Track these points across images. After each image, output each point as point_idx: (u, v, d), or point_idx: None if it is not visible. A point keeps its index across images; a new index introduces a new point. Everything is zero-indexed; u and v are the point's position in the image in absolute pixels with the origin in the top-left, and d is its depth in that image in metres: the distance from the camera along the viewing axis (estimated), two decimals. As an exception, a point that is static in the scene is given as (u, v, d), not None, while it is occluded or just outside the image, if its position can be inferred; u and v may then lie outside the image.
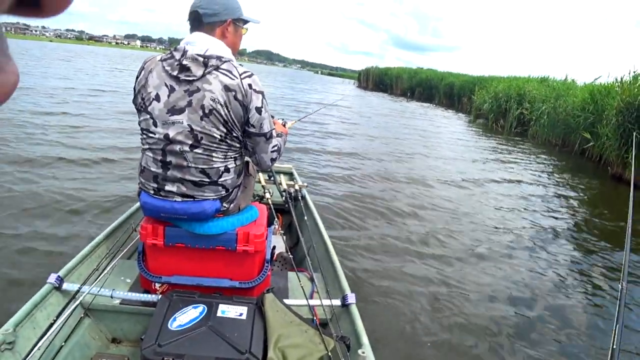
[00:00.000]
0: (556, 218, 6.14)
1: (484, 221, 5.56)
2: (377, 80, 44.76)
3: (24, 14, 0.27)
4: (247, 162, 1.97)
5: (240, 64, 1.69)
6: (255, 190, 2.83)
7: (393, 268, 3.81)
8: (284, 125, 2.47)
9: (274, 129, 1.79)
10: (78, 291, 1.76)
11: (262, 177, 3.30)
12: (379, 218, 5.09)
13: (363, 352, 1.60)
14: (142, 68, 1.68)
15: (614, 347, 1.35)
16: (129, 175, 5.43)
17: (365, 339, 1.67)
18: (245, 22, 1.82)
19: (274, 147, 1.80)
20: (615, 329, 1.42)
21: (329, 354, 1.57)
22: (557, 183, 8.89)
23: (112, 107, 11.10)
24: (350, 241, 4.26)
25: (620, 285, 1.66)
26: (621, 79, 12.06)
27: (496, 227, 5.36)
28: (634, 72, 11.08)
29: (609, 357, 1.32)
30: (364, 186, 6.41)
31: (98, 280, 1.85)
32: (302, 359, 1.51)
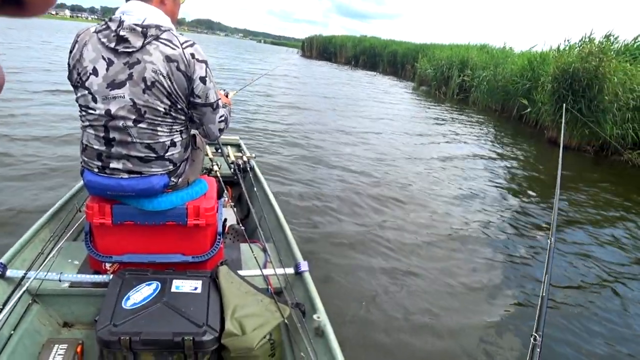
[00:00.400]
0: (496, 179, 6.54)
1: (429, 181, 5.89)
2: (321, 49, 44.60)
3: (8, 12, 0.28)
4: (194, 136, 1.95)
5: (180, 34, 1.65)
6: (203, 164, 2.80)
7: (344, 235, 3.94)
8: (227, 96, 2.45)
9: (220, 99, 1.77)
10: (24, 277, 1.70)
11: (209, 149, 3.25)
12: (329, 186, 5.20)
13: (318, 317, 1.66)
14: (76, 41, 1.60)
15: (543, 294, 1.51)
16: (67, 154, 5.20)
17: (319, 304, 1.74)
18: None
19: (221, 117, 1.79)
20: (544, 279, 1.57)
21: (285, 321, 1.63)
22: (497, 147, 9.37)
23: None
24: (301, 210, 4.36)
25: (549, 240, 1.84)
26: (558, 47, 12.72)
27: (439, 187, 5.71)
28: (568, 40, 11.76)
29: (539, 303, 1.47)
30: (313, 156, 6.48)
31: (44, 264, 1.80)
32: (259, 328, 1.55)
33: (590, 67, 9.28)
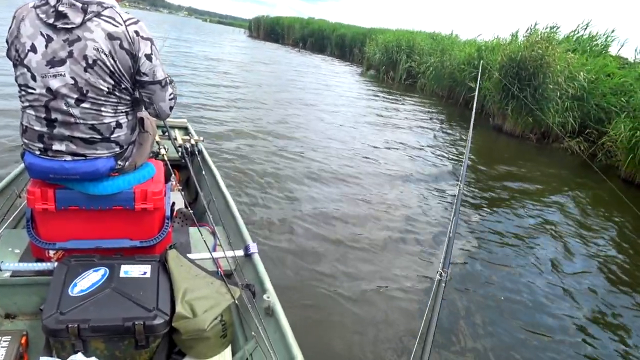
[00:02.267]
0: (438, 163, 6.92)
1: (371, 162, 6.30)
2: (268, 30, 44.19)
3: None
4: (142, 119, 1.95)
5: (126, 12, 1.64)
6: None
7: (292, 216, 4.10)
8: None
9: (168, 76, 1.77)
10: None
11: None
12: (275, 169, 5.34)
13: (268, 297, 1.74)
14: (14, 17, 1.56)
15: (451, 235, 1.76)
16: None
17: (269, 285, 1.82)
18: None
19: (171, 94, 1.79)
20: (452, 220, 1.79)
21: (236, 302, 1.70)
22: (443, 131, 9.79)
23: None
24: (249, 192, 4.46)
25: (458, 187, 2.24)
26: (511, 35, 13.32)
27: (381, 167, 6.16)
28: (516, 31, 12.38)
29: (446, 242, 1.71)
30: (262, 141, 6.55)
31: None
32: (210, 310, 1.61)
33: (537, 55, 9.75)
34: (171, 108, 1.83)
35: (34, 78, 1.53)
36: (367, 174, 5.76)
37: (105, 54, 1.52)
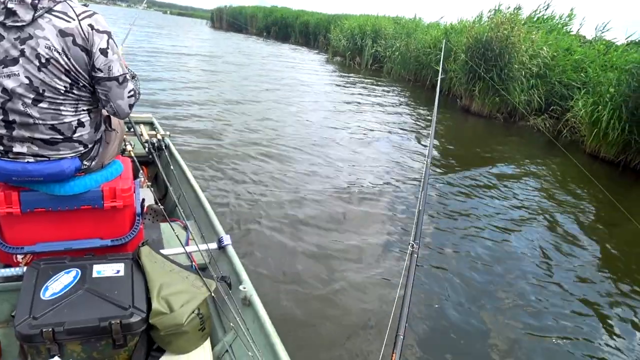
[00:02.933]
0: (408, 142, 7.06)
1: (342, 148, 6.38)
2: (231, 20, 43.53)
3: None
4: (109, 117, 1.91)
5: (84, 4, 1.60)
6: None
7: (264, 204, 4.13)
8: None
9: (127, 72, 1.72)
10: None
11: None
12: (245, 158, 5.35)
13: (244, 287, 1.76)
14: None
15: (420, 208, 1.84)
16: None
17: (244, 275, 1.84)
18: None
19: (130, 91, 1.71)
20: (420, 194, 1.95)
21: (212, 294, 1.71)
22: (410, 113, 9.95)
23: None
24: (220, 184, 4.46)
25: (425, 163, 2.34)
26: (476, 17, 13.57)
27: (355, 149, 6.35)
28: (480, 13, 12.66)
29: (416, 216, 1.78)
30: (230, 129, 6.55)
31: None
32: (186, 304, 1.62)
33: (502, 36, 9.95)
34: (131, 106, 1.74)
35: None
36: (337, 157, 5.87)
37: (58, 52, 1.48)
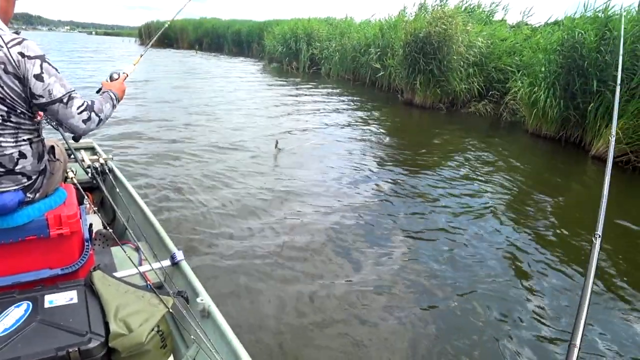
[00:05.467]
0: (360, 141, 7.17)
1: (292, 154, 6.41)
2: (160, 36, 42.95)
3: None
4: (53, 146, 1.90)
5: (14, 32, 1.59)
6: None
7: (213, 218, 4.12)
8: (115, 79, 2.08)
9: (72, 90, 1.66)
10: None
11: None
12: (191, 173, 5.33)
13: (202, 300, 1.80)
14: None
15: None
16: None
17: (201, 288, 1.88)
18: None
19: (79, 108, 1.65)
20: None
21: (170, 310, 1.74)
22: (358, 112, 10.19)
23: None
24: (167, 202, 4.43)
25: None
26: (401, 12, 14.07)
27: (303, 157, 6.26)
28: (403, 9, 13.16)
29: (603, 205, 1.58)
30: (168, 149, 6.42)
31: None
32: (145, 323, 1.64)
33: (440, 30, 10.35)
34: (85, 121, 1.68)
35: None
36: (286, 163, 5.94)
37: None
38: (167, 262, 2.09)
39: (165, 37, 41.76)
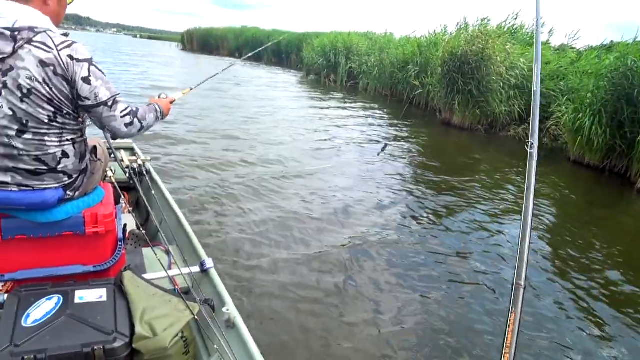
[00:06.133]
0: (399, 160, 7.07)
1: (328, 169, 6.36)
2: (202, 42, 44.21)
3: None
4: (95, 147, 1.95)
5: (64, 34, 1.64)
6: None
7: (246, 230, 4.12)
8: (163, 98, 2.21)
9: (117, 94, 1.71)
10: None
11: None
12: (225, 181, 5.35)
13: (227, 310, 1.79)
14: None
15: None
16: None
17: (227, 298, 1.87)
18: None
19: (123, 112, 1.71)
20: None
21: (196, 317, 1.74)
22: (395, 130, 10.09)
23: None
24: (201, 208, 4.46)
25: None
26: (442, 31, 13.98)
27: (337, 174, 6.20)
28: (445, 25, 13.09)
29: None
30: (208, 155, 6.50)
31: None
32: (170, 327, 1.64)
33: (478, 50, 10.21)
34: (127, 125, 1.74)
35: None
36: (322, 175, 5.92)
37: (39, 82, 1.51)
38: (196, 269, 2.10)
39: (207, 43, 42.84)
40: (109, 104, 1.67)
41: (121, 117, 1.72)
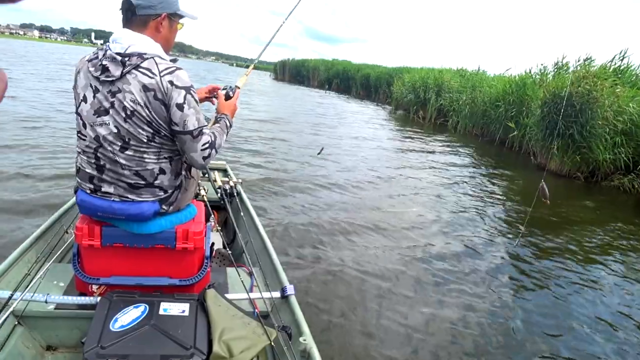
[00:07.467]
0: (488, 206, 6.70)
1: (415, 209, 6.13)
2: (293, 72, 45.95)
3: None
4: (190, 165, 2.04)
5: (173, 59, 1.75)
6: None
7: (331, 260, 4.08)
8: (230, 96, 2.16)
9: (204, 125, 1.77)
10: (10, 298, 1.75)
11: None
12: (315, 214, 5.34)
13: (304, 340, 1.76)
14: (75, 69, 1.75)
15: None
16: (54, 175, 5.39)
17: (305, 328, 1.84)
18: (181, 16, 1.84)
19: (204, 145, 1.75)
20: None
21: (272, 343, 1.72)
22: (487, 174, 9.61)
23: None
24: (287, 234, 4.50)
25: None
26: (557, 68, 13.21)
27: (426, 213, 5.91)
28: (544, 65, 12.38)
29: None
30: (300, 184, 6.63)
31: (30, 286, 1.85)
32: (246, 350, 1.64)
33: (584, 91, 9.60)
34: (205, 158, 1.77)
35: (84, 126, 1.69)
36: (412, 222, 5.66)
37: (140, 105, 1.62)
38: (277, 294, 2.10)
39: (298, 74, 44.46)
40: (195, 134, 1.72)
41: (202, 149, 1.75)
